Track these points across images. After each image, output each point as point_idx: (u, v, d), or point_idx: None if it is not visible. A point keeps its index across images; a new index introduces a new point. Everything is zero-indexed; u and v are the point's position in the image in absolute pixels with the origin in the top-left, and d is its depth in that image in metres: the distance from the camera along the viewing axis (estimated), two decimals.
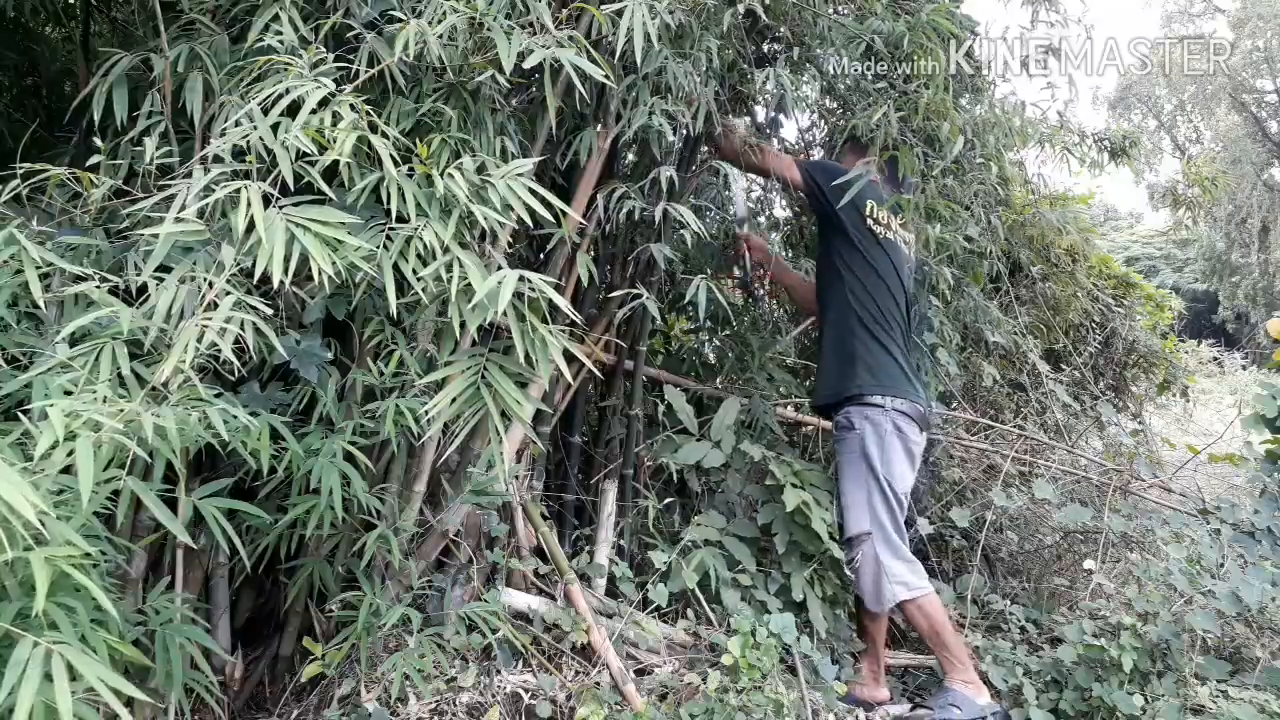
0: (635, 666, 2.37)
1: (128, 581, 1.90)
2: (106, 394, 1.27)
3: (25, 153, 1.76)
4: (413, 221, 1.61)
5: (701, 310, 2.34)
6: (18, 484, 0.98)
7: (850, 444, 2.55)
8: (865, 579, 2.50)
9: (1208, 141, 23.12)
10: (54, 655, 1.02)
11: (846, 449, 2.56)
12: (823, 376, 2.70)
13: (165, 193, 1.56)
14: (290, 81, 1.59)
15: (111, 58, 1.89)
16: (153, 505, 1.37)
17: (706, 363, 3.43)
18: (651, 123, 2.16)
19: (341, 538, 2.14)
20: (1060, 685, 2.52)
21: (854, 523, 2.52)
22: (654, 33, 1.87)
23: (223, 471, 1.95)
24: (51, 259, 1.47)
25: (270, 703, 2.25)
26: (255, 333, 1.42)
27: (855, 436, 2.54)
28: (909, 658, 3.03)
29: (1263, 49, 20.13)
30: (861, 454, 2.52)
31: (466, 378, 1.69)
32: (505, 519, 2.52)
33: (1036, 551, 3.52)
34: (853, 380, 2.56)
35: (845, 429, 2.57)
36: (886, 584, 2.47)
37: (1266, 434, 3.26)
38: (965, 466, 3.79)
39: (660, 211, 2.29)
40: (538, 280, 1.60)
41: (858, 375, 2.55)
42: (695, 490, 2.96)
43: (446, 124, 1.89)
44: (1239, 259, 22.30)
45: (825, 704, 2.33)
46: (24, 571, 1.18)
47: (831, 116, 3.53)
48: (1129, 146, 3.76)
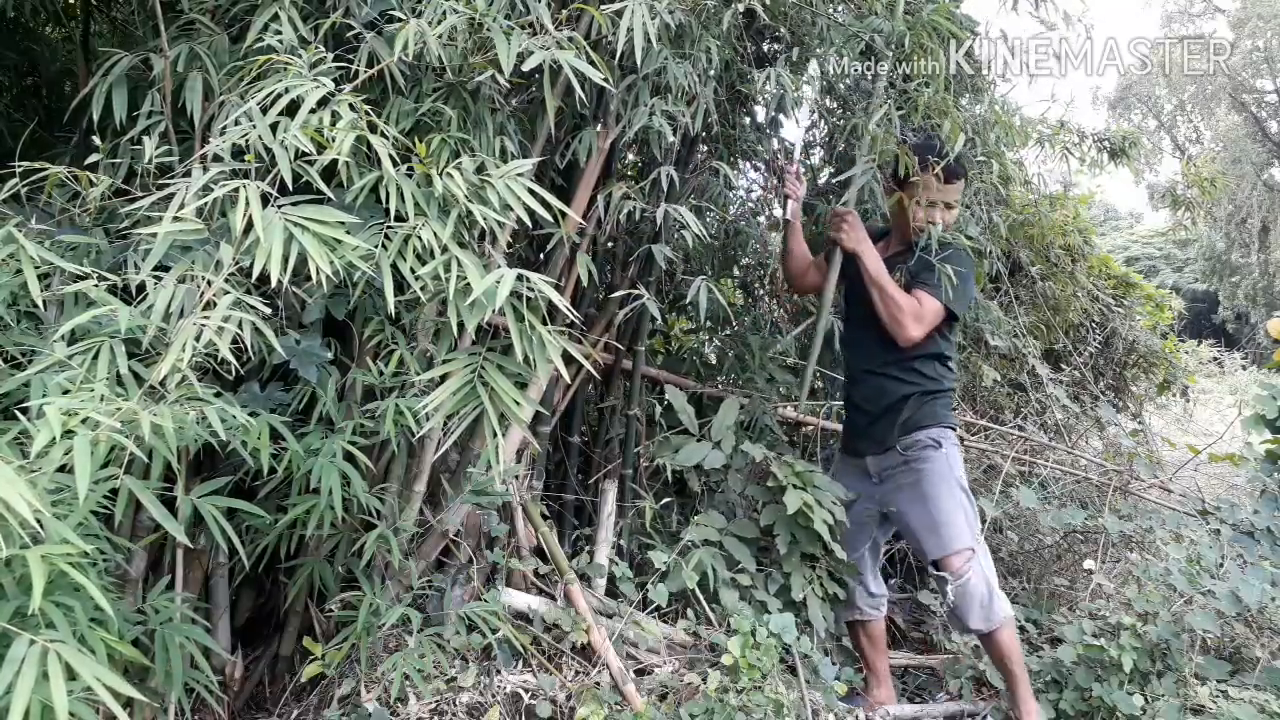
0: (635, 666, 2.36)
1: (127, 581, 1.90)
2: (104, 392, 1.27)
3: (25, 152, 1.76)
4: (411, 221, 1.61)
5: (702, 312, 2.34)
6: (15, 482, 0.98)
7: (938, 463, 2.43)
8: (975, 595, 2.36)
9: (1208, 141, 23.12)
10: (51, 654, 1.02)
11: (934, 468, 2.43)
12: (906, 411, 2.48)
13: (164, 192, 1.56)
14: (289, 81, 1.58)
15: (111, 58, 1.89)
16: (150, 504, 1.37)
17: (706, 363, 3.43)
18: (652, 124, 2.16)
19: (341, 538, 2.14)
20: (1060, 685, 2.52)
21: (955, 539, 2.38)
22: (654, 33, 1.86)
23: (222, 471, 1.95)
24: (50, 258, 1.47)
25: (270, 703, 2.25)
26: (254, 332, 1.42)
27: (942, 456, 2.44)
28: (909, 658, 3.02)
29: (1263, 49, 20.13)
30: (950, 471, 2.44)
31: (464, 375, 1.69)
32: (505, 519, 2.52)
33: (1036, 551, 3.51)
34: (943, 408, 2.51)
35: (930, 448, 2.45)
36: (998, 600, 2.38)
37: (1266, 434, 3.26)
38: (965, 467, 3.79)
39: (661, 213, 2.28)
40: (537, 280, 1.60)
41: (943, 403, 2.51)
42: (695, 490, 2.96)
43: (446, 124, 1.89)
44: (1239, 259, 22.30)
45: (825, 704, 2.32)
46: (21, 570, 1.18)
47: (831, 116, 3.53)
48: (1129, 147, 3.77)
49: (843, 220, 2.47)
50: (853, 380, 2.65)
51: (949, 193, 2.45)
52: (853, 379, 2.65)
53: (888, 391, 2.50)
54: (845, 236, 2.46)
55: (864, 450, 2.58)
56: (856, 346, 2.65)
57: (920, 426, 2.46)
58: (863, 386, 2.58)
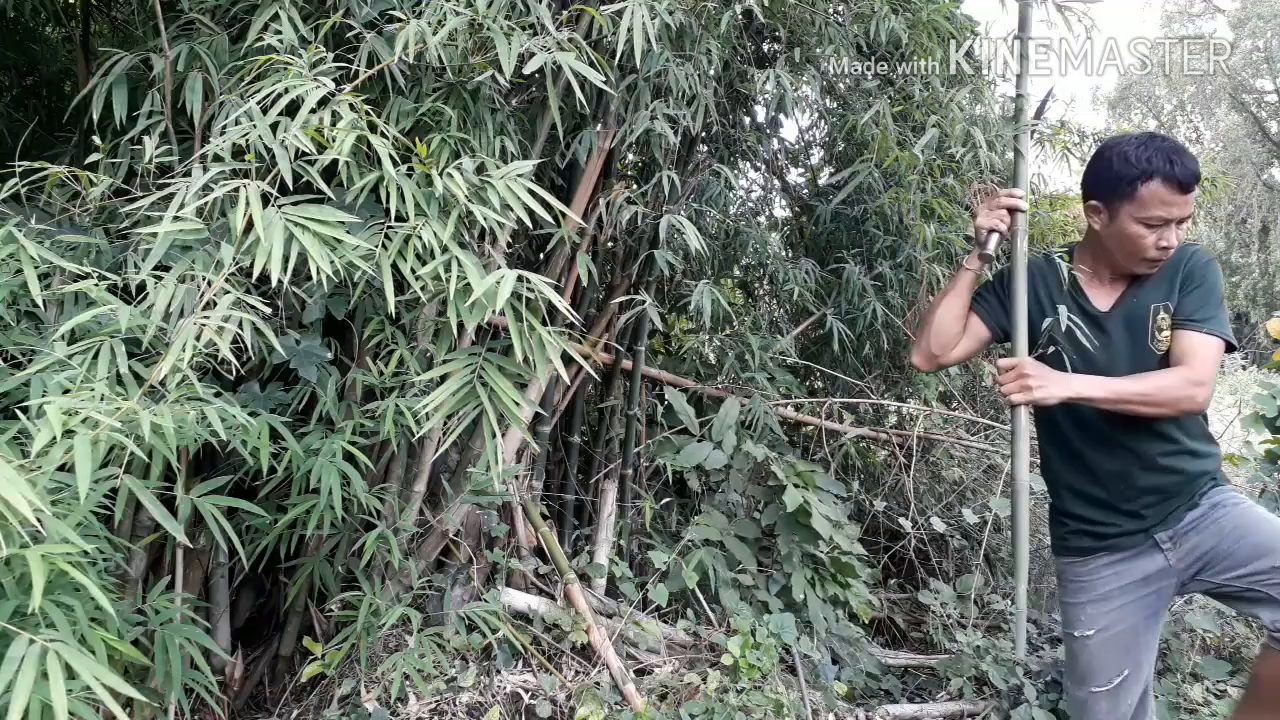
0: (635, 666, 2.36)
1: (127, 581, 1.90)
2: (104, 392, 1.27)
3: (25, 152, 1.76)
4: (411, 221, 1.61)
5: (706, 317, 2.34)
6: (14, 481, 0.98)
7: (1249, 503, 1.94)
8: None
9: (1208, 141, 23.11)
10: (50, 653, 1.02)
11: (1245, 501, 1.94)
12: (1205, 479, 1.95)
13: (164, 191, 1.56)
14: (289, 81, 1.58)
15: (111, 57, 1.89)
16: (149, 504, 1.37)
17: (706, 362, 3.43)
18: (653, 127, 2.16)
19: (341, 538, 2.14)
20: (1060, 685, 2.52)
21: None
22: (654, 34, 1.86)
23: (222, 471, 1.95)
24: (50, 257, 1.47)
25: (270, 703, 2.26)
26: (254, 332, 1.42)
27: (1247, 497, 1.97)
28: (909, 658, 3.02)
29: (1263, 49, 20.12)
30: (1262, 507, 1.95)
31: (464, 375, 1.69)
32: (505, 519, 2.53)
33: (1037, 551, 3.51)
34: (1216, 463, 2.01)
35: (1233, 490, 1.98)
36: None
37: (1266, 434, 3.26)
38: (965, 466, 3.79)
39: (665, 223, 2.28)
40: (537, 280, 1.60)
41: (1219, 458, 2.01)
42: (695, 490, 2.96)
43: (446, 124, 1.89)
44: (1239, 259, 22.29)
45: (825, 704, 2.32)
46: (21, 569, 1.18)
47: (831, 116, 3.53)
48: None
49: (1021, 376, 1.83)
50: (1115, 486, 1.93)
51: (1186, 206, 1.82)
52: (1117, 485, 1.92)
53: (1180, 471, 1.91)
54: (1042, 392, 1.81)
55: (1141, 539, 1.92)
56: (1112, 450, 1.93)
57: (1216, 484, 1.94)
58: (1137, 489, 1.91)
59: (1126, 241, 1.82)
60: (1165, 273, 1.87)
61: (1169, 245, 1.81)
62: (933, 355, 2.07)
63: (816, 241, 3.77)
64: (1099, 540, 1.95)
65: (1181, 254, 1.86)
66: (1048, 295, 1.97)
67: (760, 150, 3.72)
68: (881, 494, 3.49)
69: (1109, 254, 1.89)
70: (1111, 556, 1.94)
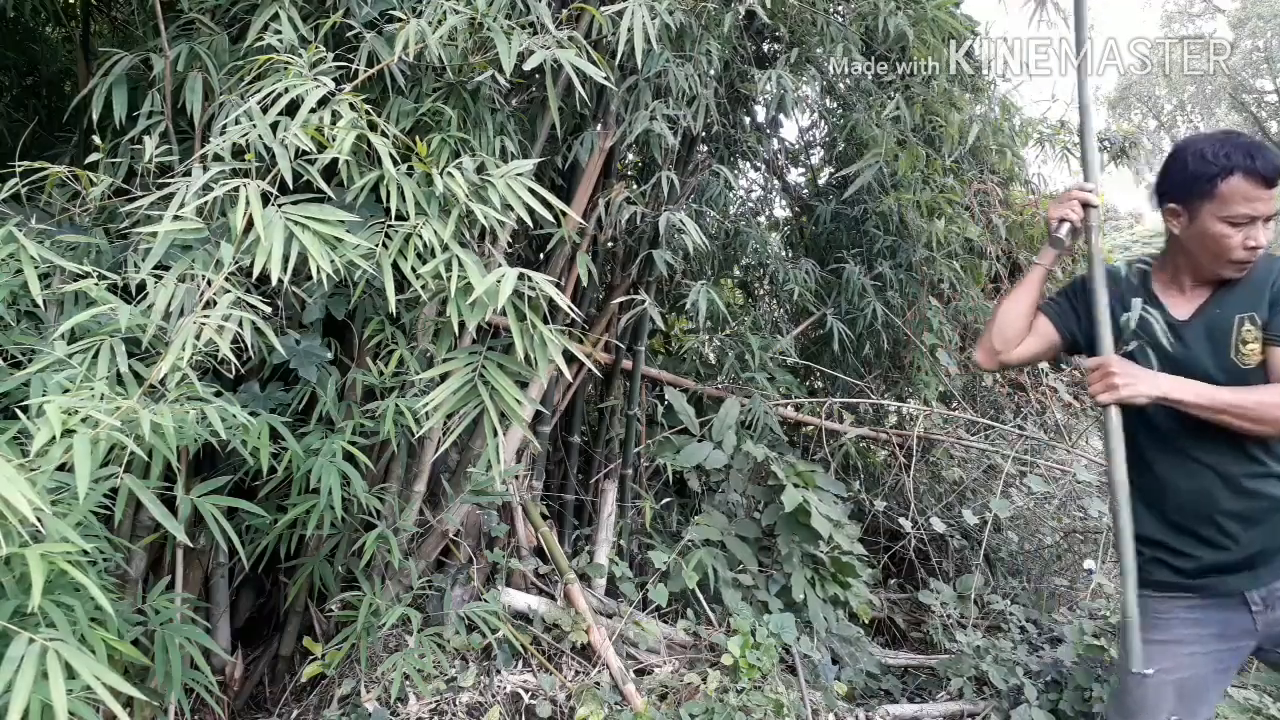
0: (635, 666, 2.36)
1: (127, 581, 1.90)
2: (104, 391, 1.27)
3: (25, 151, 1.76)
4: (412, 220, 1.61)
5: (702, 315, 2.34)
6: (14, 480, 0.98)
7: None
8: None
9: None
10: (50, 653, 1.02)
11: None
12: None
13: (164, 191, 1.56)
14: (289, 80, 1.58)
15: (111, 57, 1.89)
16: (149, 503, 1.37)
17: (706, 362, 3.43)
18: (653, 127, 2.15)
19: (341, 538, 2.14)
20: (1060, 685, 2.52)
21: None
22: (654, 34, 1.86)
23: (222, 471, 1.95)
24: (50, 257, 1.47)
25: (270, 703, 2.25)
26: (254, 331, 1.42)
27: None
28: (909, 658, 3.02)
29: (1263, 49, 20.12)
30: None
31: (464, 374, 1.69)
32: (505, 519, 2.52)
33: (1036, 551, 3.51)
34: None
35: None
36: None
37: None
38: (965, 466, 3.79)
39: (664, 220, 2.28)
40: (538, 279, 1.60)
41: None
42: (695, 490, 2.96)
43: (446, 123, 1.89)
44: None
45: (825, 704, 2.32)
46: (21, 568, 1.17)
47: (831, 116, 3.53)
48: (1129, 148, 3.77)
49: (1107, 375, 1.71)
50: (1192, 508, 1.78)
51: (1270, 201, 1.69)
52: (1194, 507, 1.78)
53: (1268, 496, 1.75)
54: (1129, 390, 1.69)
55: (1231, 587, 1.76)
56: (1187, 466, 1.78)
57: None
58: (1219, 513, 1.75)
59: (1210, 243, 1.68)
60: (1253, 283, 1.73)
61: (1257, 244, 1.67)
62: (994, 351, 1.95)
63: (816, 241, 3.77)
64: (1178, 576, 1.79)
65: (1274, 264, 1.73)
66: (1120, 301, 1.83)
67: (760, 150, 3.72)
68: (881, 494, 3.49)
69: (1192, 259, 1.75)
70: (1191, 602, 1.79)
